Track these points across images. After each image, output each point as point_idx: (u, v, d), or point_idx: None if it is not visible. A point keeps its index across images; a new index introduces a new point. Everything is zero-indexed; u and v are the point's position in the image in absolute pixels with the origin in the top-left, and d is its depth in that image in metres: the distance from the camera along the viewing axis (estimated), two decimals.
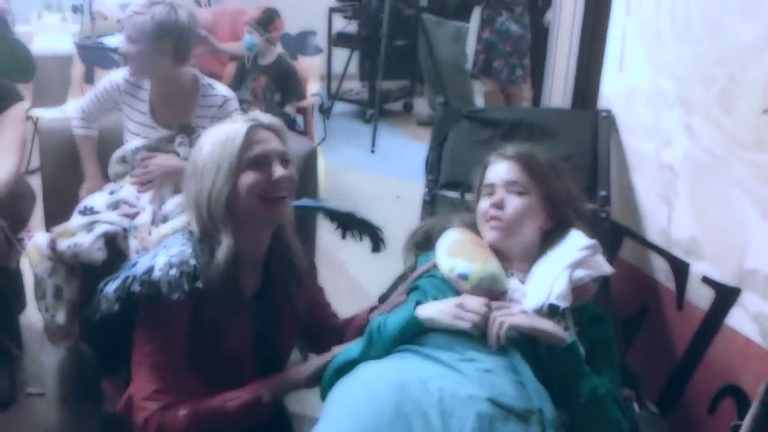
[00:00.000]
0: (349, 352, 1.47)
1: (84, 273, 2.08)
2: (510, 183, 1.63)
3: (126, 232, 2.09)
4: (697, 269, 1.88)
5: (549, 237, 1.63)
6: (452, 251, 1.59)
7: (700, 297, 1.87)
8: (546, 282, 1.52)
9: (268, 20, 3.88)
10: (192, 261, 1.42)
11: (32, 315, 2.39)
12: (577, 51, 2.41)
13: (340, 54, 5.87)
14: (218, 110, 2.28)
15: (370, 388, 1.29)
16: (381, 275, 1.92)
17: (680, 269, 1.93)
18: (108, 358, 1.81)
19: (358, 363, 1.41)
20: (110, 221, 2.10)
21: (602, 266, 1.62)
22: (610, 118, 2.17)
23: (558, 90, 2.55)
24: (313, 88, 4.24)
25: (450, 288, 1.56)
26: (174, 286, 1.38)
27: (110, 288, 1.41)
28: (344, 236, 1.83)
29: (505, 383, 1.30)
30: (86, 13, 4.13)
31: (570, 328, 1.48)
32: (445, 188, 2.18)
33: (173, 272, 1.39)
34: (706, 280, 1.84)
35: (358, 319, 1.72)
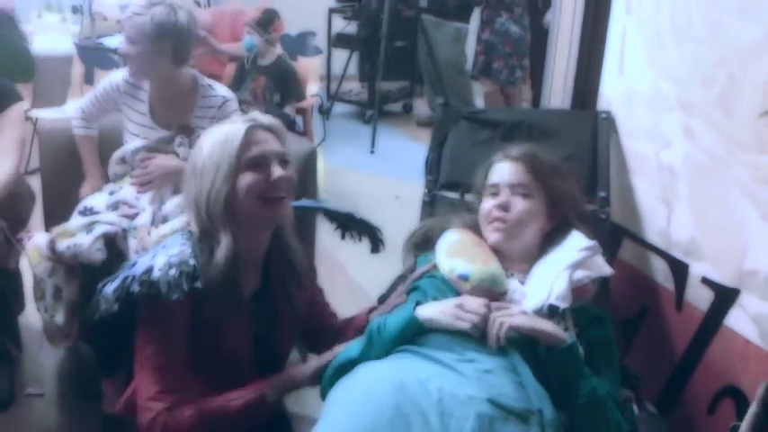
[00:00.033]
0: (349, 352, 1.47)
1: (83, 273, 2.08)
2: (515, 185, 1.63)
3: (125, 233, 2.09)
4: (696, 270, 1.88)
5: (550, 238, 1.64)
6: (452, 252, 1.59)
7: (699, 298, 1.87)
8: (546, 282, 1.52)
9: (268, 21, 3.88)
10: (192, 261, 1.42)
11: (32, 315, 2.39)
12: (577, 52, 2.41)
13: (339, 55, 5.87)
14: (217, 110, 2.28)
15: (369, 388, 1.29)
16: (381, 276, 1.91)
17: (679, 270, 1.93)
18: (107, 358, 1.81)
19: (358, 363, 1.41)
20: (109, 222, 2.10)
21: (601, 267, 1.62)
22: (609, 119, 2.17)
23: (558, 91, 2.55)
24: (312, 89, 4.23)
25: (449, 288, 1.56)
26: (174, 286, 1.38)
27: (109, 288, 1.41)
28: (344, 236, 1.83)
29: (505, 384, 1.30)
30: (86, 14, 4.13)
31: (570, 329, 1.48)
32: (445, 189, 2.17)
33: (172, 272, 1.39)
34: (705, 281, 1.84)
35: (357, 320, 1.72)
